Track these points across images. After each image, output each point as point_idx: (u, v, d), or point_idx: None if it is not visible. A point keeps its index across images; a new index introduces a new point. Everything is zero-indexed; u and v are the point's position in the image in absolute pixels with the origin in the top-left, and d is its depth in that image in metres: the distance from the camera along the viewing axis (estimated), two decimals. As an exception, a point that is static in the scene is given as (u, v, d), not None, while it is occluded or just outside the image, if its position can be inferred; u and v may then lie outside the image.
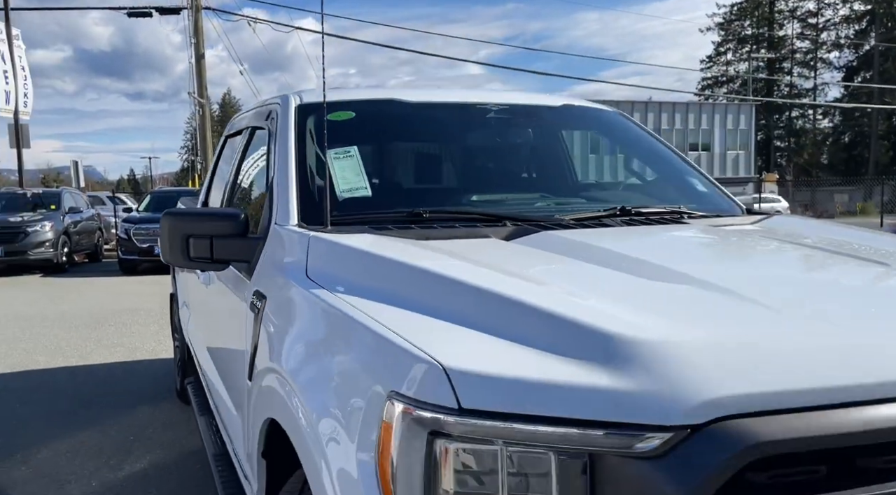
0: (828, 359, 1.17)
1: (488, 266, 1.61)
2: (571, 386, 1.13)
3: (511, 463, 1.12)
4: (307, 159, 2.36)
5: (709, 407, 1.08)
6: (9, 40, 15.96)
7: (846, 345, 1.21)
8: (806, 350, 1.19)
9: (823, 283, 1.66)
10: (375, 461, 1.23)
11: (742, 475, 1.07)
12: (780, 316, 1.29)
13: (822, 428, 1.08)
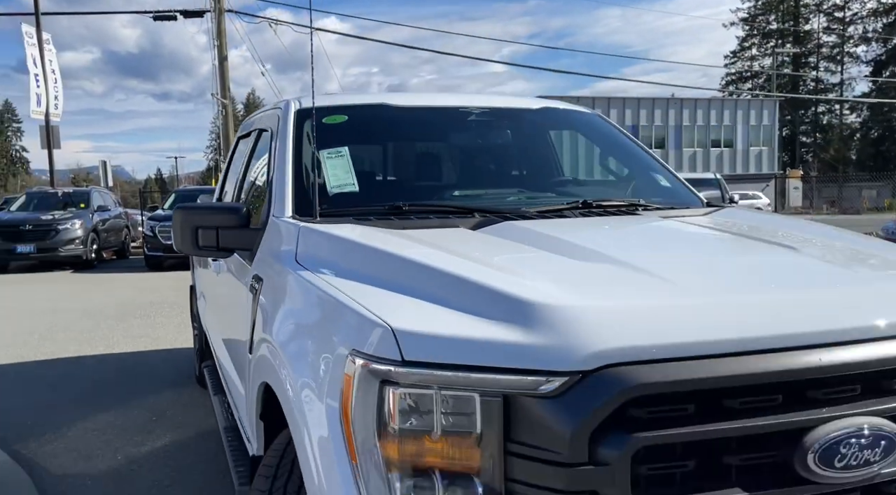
0: (697, 320, 1.43)
1: (447, 250, 1.88)
2: (491, 341, 1.40)
3: (444, 403, 1.39)
4: (303, 158, 2.65)
5: (596, 357, 1.34)
6: (39, 45, 16.52)
7: (713, 310, 1.47)
8: (679, 313, 1.45)
9: (722, 262, 1.91)
10: (340, 407, 1.50)
11: (625, 410, 1.33)
12: (672, 287, 1.55)
13: (686, 375, 1.34)
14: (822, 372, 1.42)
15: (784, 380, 1.40)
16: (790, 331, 1.44)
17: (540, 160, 3.20)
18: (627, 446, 1.31)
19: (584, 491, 1.32)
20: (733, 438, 1.39)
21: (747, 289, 1.61)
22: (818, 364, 1.41)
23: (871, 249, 2.05)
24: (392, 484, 1.40)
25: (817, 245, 2.08)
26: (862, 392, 1.46)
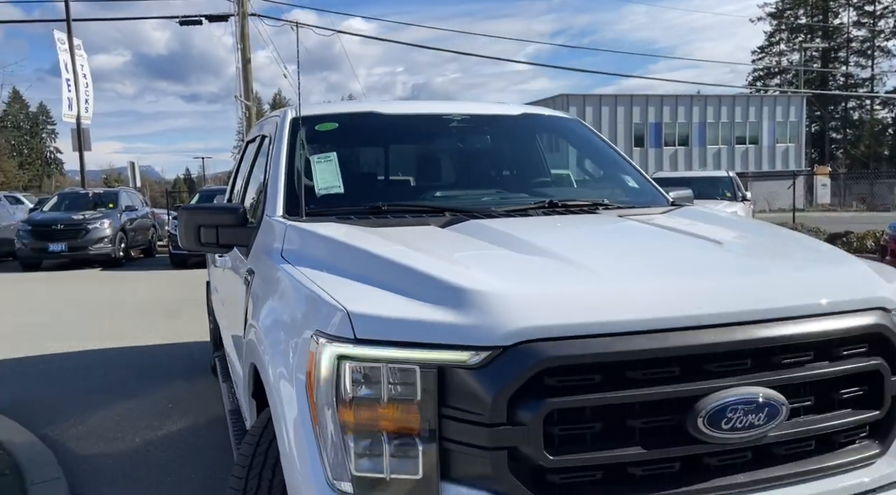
0: (604, 303, 1.66)
1: (409, 245, 2.12)
2: (428, 321, 1.64)
3: (390, 375, 1.63)
4: (295, 162, 2.91)
5: (514, 334, 1.58)
6: (70, 50, 17.08)
7: (620, 295, 1.70)
8: (589, 297, 1.68)
9: (646, 254, 2.13)
10: (306, 379, 1.75)
11: (539, 379, 1.56)
12: (590, 275, 1.79)
13: (591, 350, 1.57)
14: (714, 349, 1.64)
15: (680, 355, 1.63)
16: (687, 313, 1.67)
17: (520, 163, 3.43)
18: (540, 410, 1.54)
19: (504, 447, 1.56)
20: (636, 404, 1.62)
21: (657, 277, 1.84)
22: (710, 342, 1.64)
23: (789, 246, 2.26)
24: (347, 444, 1.65)
25: (741, 241, 2.29)
26: (752, 366, 1.68)
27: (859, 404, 1.82)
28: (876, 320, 1.81)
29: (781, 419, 1.67)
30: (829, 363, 1.76)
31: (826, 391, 1.78)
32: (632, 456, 1.61)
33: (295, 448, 1.77)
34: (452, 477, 1.61)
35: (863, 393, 1.81)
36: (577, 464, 1.60)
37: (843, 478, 1.77)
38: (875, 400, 1.82)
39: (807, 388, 1.76)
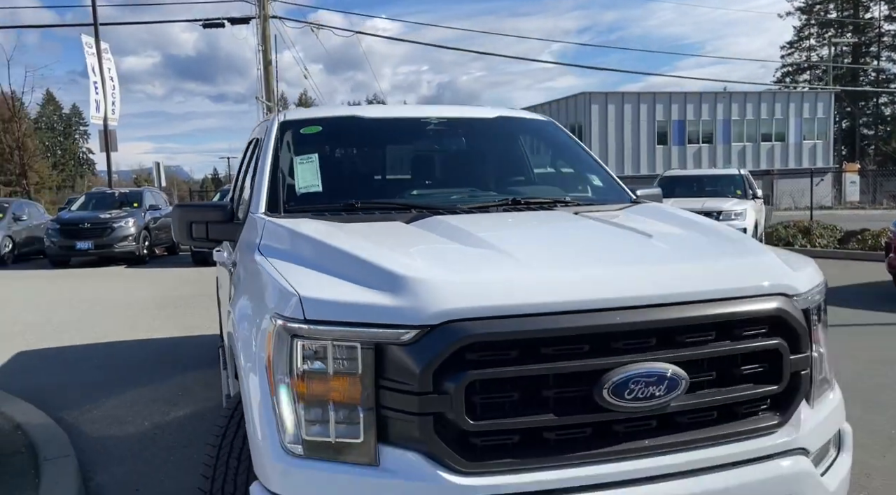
0: (522, 288, 1.86)
1: (368, 238, 2.34)
2: (368, 304, 1.86)
3: (335, 351, 1.86)
4: (280, 163, 3.15)
5: (439, 315, 1.79)
6: (98, 54, 17.61)
7: (537, 281, 1.90)
8: (509, 283, 1.88)
9: (576, 245, 2.33)
10: (265, 356, 1.98)
11: (462, 354, 1.77)
12: (515, 263, 1.99)
13: (507, 329, 1.77)
14: (619, 328, 1.84)
15: (588, 333, 1.83)
16: (595, 296, 1.87)
17: (494, 163, 3.64)
18: (462, 381, 1.76)
19: (431, 413, 1.77)
20: (549, 376, 1.82)
21: (576, 265, 2.04)
22: (615, 322, 1.84)
23: (713, 240, 2.44)
24: (299, 412, 1.88)
25: (671, 235, 2.48)
26: (656, 344, 1.87)
27: (760, 379, 2.00)
28: (776, 305, 1.99)
29: (681, 391, 1.86)
30: (730, 342, 1.95)
31: (729, 367, 1.97)
32: (545, 422, 1.82)
33: (256, 416, 2.00)
34: (389, 440, 1.83)
35: (763, 370, 2.00)
36: (495, 429, 1.81)
37: (743, 445, 1.96)
38: (775, 376, 2.00)
39: (709, 364, 1.95)
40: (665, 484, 1.88)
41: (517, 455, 1.83)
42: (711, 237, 2.47)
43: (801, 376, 2.07)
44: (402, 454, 1.82)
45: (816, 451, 2.14)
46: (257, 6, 20.12)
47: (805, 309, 2.13)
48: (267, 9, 20.24)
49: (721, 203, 11.49)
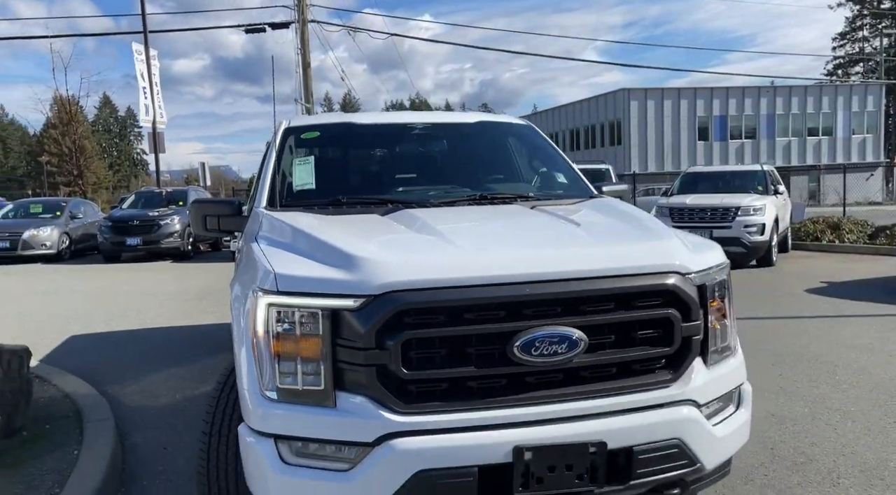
0: (450, 266, 2.30)
1: (341, 227, 2.81)
2: (327, 278, 2.33)
3: (301, 316, 2.32)
4: (282, 164, 3.65)
5: (381, 287, 2.24)
6: (147, 61, 18.54)
7: (464, 260, 2.33)
8: (441, 262, 2.32)
9: (514, 233, 2.75)
10: (250, 322, 2.46)
11: (400, 318, 2.22)
12: (450, 247, 2.43)
13: (435, 298, 2.21)
14: (529, 298, 2.27)
15: (503, 302, 2.25)
16: (509, 273, 2.29)
17: (473, 163, 4.07)
18: (398, 339, 2.20)
19: (374, 364, 2.22)
20: (471, 336, 2.26)
21: (502, 248, 2.49)
22: (526, 293, 2.26)
23: (631, 228, 2.83)
24: (274, 366, 2.35)
25: (598, 224, 2.89)
26: (561, 311, 2.29)
27: (655, 342, 2.41)
28: (669, 281, 2.39)
29: (581, 350, 2.28)
30: (626, 311, 2.36)
31: (627, 331, 2.38)
32: (467, 373, 2.26)
33: (243, 370, 2.48)
34: (344, 387, 2.29)
35: (658, 335, 2.40)
36: (426, 378, 2.25)
37: (639, 396, 2.37)
38: (668, 340, 2.40)
39: (610, 328, 2.36)
40: (569, 425, 2.30)
41: (445, 399, 2.27)
42: (631, 225, 2.87)
43: (693, 340, 2.46)
44: (353, 398, 2.27)
45: (709, 404, 2.53)
46: (297, 11, 20.84)
47: (700, 285, 2.51)
48: (306, 14, 20.94)
49: (740, 199, 11.65)
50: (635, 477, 2.36)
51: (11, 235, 15.94)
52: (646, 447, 2.35)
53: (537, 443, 2.25)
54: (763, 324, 7.15)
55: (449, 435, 2.25)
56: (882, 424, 4.18)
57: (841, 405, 4.54)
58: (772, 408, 4.51)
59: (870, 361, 5.60)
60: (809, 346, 6.13)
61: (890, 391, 4.81)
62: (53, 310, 9.25)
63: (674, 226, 11.36)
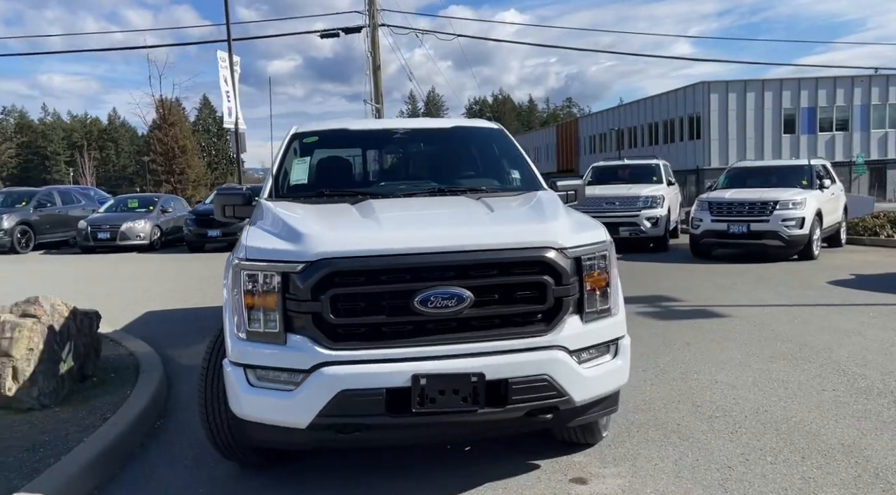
0: (370, 240, 3.08)
1: (310, 212, 3.63)
2: (281, 249, 3.16)
3: (263, 277, 3.17)
4: (285, 163, 4.52)
5: (316, 255, 3.05)
6: (230, 67, 20.08)
7: (383, 236, 3.12)
8: (364, 237, 3.11)
9: (438, 217, 3.52)
10: (230, 284, 3.32)
11: (330, 278, 3.02)
12: (377, 226, 3.22)
13: (356, 265, 3.01)
14: (428, 265, 3.02)
15: (408, 268, 3.01)
16: (413, 246, 3.05)
17: (447, 162, 4.82)
18: (328, 293, 3.01)
19: (311, 312, 3.03)
20: (384, 292, 3.03)
21: (415, 227, 3.28)
22: (425, 261, 3.01)
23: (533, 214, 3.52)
24: (243, 316, 3.20)
25: (510, 209, 3.61)
26: (454, 275, 3.03)
27: (533, 301, 3.10)
28: (544, 254, 3.09)
29: (467, 305, 3.01)
30: (506, 277, 3.07)
31: (510, 291, 3.09)
32: (379, 320, 3.04)
33: (226, 319, 3.35)
34: (291, 330, 3.11)
35: (535, 295, 3.10)
36: (349, 323, 3.04)
37: (518, 341, 3.08)
38: (542, 300, 3.10)
39: (495, 289, 3.07)
40: (456, 360, 3.04)
41: (362, 339, 3.06)
42: (535, 212, 3.57)
43: (564, 301, 3.15)
44: (297, 337, 3.09)
45: (582, 351, 3.20)
46: (368, 16, 21.96)
47: (576, 258, 3.19)
48: (376, 18, 22.04)
49: (779, 193, 11.80)
50: (510, 403, 3.07)
51: (111, 227, 17.75)
52: (519, 379, 3.06)
53: (430, 373, 3.00)
54: (764, 310, 7.54)
55: (365, 365, 3.03)
56: (811, 392, 4.67)
57: (787, 376, 5.03)
58: (721, 377, 5.06)
59: (837, 342, 5.99)
60: (791, 329, 6.53)
61: (840, 367, 5.24)
62: (139, 291, 10.58)
63: (712, 220, 11.67)
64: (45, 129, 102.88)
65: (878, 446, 3.74)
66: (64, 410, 4.40)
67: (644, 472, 3.51)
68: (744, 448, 3.77)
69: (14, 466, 3.50)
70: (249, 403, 3.19)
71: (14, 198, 19.69)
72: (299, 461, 3.78)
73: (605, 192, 14.35)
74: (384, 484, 3.49)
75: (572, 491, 3.34)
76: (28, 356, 4.40)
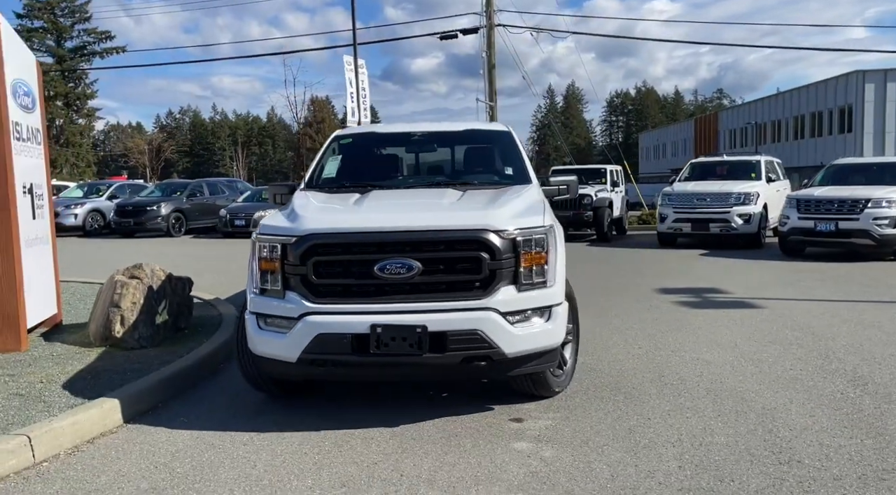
0: (348, 222, 4.07)
1: (322, 200, 4.65)
2: (282, 226, 4.21)
3: (270, 248, 4.21)
4: (323, 159, 5.58)
5: (305, 231, 4.06)
6: (355, 70, 21.80)
7: (360, 218, 4.11)
8: (344, 219, 4.11)
9: (414, 204, 4.43)
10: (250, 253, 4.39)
11: (315, 248, 4.02)
12: (357, 211, 4.20)
13: (333, 239, 4.00)
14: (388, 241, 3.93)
15: (372, 242, 3.95)
16: (378, 226, 3.99)
17: (453, 161, 5.67)
18: (311, 260, 4.01)
19: (300, 275, 4.05)
20: (353, 260, 3.98)
21: (386, 212, 4.21)
22: (386, 239, 3.93)
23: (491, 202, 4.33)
24: (257, 276, 4.27)
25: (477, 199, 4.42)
26: (407, 249, 3.92)
27: (471, 272, 3.93)
28: (481, 235, 3.91)
29: (417, 272, 3.89)
30: (449, 252, 3.93)
31: (453, 263, 3.93)
32: (348, 282, 4.00)
33: (249, 281, 4.42)
34: (288, 288, 4.13)
35: (473, 267, 3.92)
36: (327, 283, 4.02)
37: (458, 302, 3.93)
38: (478, 271, 3.93)
39: (441, 261, 3.93)
40: (406, 315, 3.93)
41: (337, 296, 4.03)
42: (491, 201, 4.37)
43: (498, 272, 3.94)
44: (291, 293, 4.10)
45: (515, 313, 3.97)
46: (484, 17, 22.90)
47: (512, 239, 3.97)
48: (493, 19, 22.92)
49: (872, 191, 11.50)
50: (449, 350, 3.92)
51: (246, 215, 19.93)
52: (455, 332, 3.90)
53: (385, 323, 3.91)
54: (801, 304, 7.72)
55: (337, 316, 4.00)
56: (777, 370, 5.10)
57: (767, 358, 5.46)
58: (705, 356, 5.56)
59: (848, 333, 6.23)
60: (811, 321, 6.79)
61: (828, 353, 5.55)
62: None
63: (799, 217, 11.66)
64: (213, 127, 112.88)
65: (793, 409, 4.20)
66: (155, 350, 5.70)
67: (574, 417, 4.22)
68: (672, 406, 4.37)
69: (106, 383, 4.77)
70: (259, 342, 4.24)
71: (171, 189, 22.56)
72: (306, 397, 4.79)
73: (696, 189, 14.47)
74: (371, 412, 4.42)
75: (505, 426, 4.12)
76: (132, 308, 5.76)
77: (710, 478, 3.35)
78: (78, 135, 55.47)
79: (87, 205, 22.12)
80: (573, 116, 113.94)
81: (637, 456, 3.64)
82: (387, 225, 4.01)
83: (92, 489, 3.39)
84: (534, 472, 3.47)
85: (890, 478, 3.30)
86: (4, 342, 5.54)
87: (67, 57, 54.72)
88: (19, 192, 5.72)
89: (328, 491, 3.33)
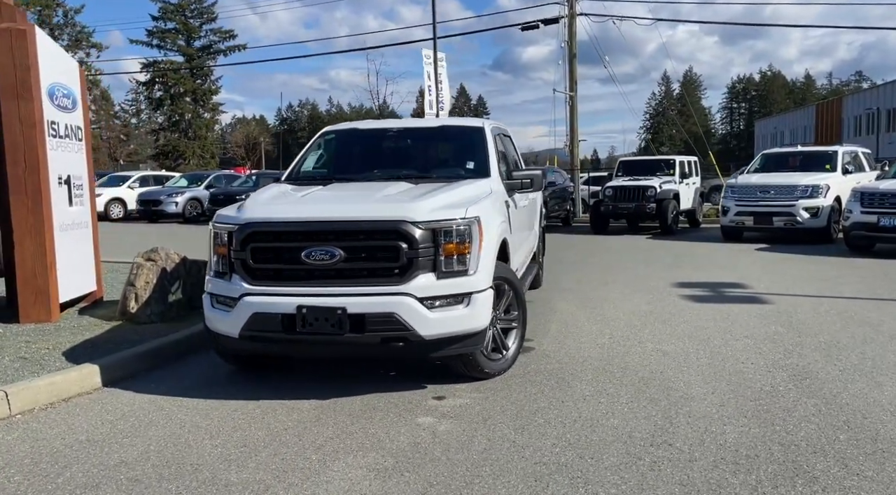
0: (286, 212, 4.52)
1: (283, 190, 5.10)
2: (230, 216, 4.70)
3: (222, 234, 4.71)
4: (307, 155, 6.02)
5: (245, 219, 4.53)
6: (434, 64, 22.27)
7: (297, 209, 4.56)
8: (284, 209, 4.57)
9: (356, 195, 4.81)
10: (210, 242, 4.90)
11: (253, 235, 4.48)
12: (304, 200, 4.66)
13: (270, 227, 4.45)
14: (315, 230, 4.34)
15: (301, 231, 4.37)
16: (309, 216, 4.43)
17: (422, 155, 5.97)
18: (249, 246, 4.47)
19: (240, 259, 4.52)
20: (283, 247, 4.41)
21: (323, 203, 4.66)
22: (314, 228, 4.34)
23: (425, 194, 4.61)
24: (212, 260, 4.80)
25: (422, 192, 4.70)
26: (332, 238, 4.31)
27: (389, 259, 4.25)
28: (399, 226, 4.24)
29: (339, 259, 4.27)
30: (369, 240, 4.29)
31: (373, 251, 4.28)
32: (280, 266, 4.43)
33: (207, 264, 4.94)
34: (234, 271, 4.60)
35: (391, 255, 4.25)
36: (262, 267, 4.48)
37: (378, 287, 4.28)
38: (396, 259, 4.26)
39: (361, 249, 4.29)
40: (329, 298, 4.32)
41: (270, 279, 4.48)
42: (424, 193, 4.67)
43: (416, 261, 4.26)
44: (235, 276, 4.59)
45: (432, 299, 4.27)
46: (566, 6, 22.73)
47: (432, 229, 4.27)
48: (574, 8, 22.71)
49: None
50: (367, 331, 4.27)
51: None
52: (373, 314, 4.26)
53: (309, 305, 4.32)
54: (811, 300, 7.46)
55: (270, 297, 4.44)
56: (725, 362, 5.09)
57: (725, 350, 5.44)
58: (667, 348, 5.61)
59: (829, 328, 6.01)
60: (804, 317, 6.60)
61: (790, 347, 5.45)
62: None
63: (862, 211, 11.15)
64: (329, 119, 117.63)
65: (708, 399, 4.24)
66: (164, 326, 6.36)
67: (493, 398, 4.45)
68: (593, 391, 4.51)
69: (105, 350, 5.44)
70: (212, 319, 4.74)
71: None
72: (263, 371, 5.25)
73: (761, 181, 13.91)
74: (315, 386, 4.82)
75: (424, 403, 4.42)
76: (146, 287, 6.46)
77: (572, 455, 3.53)
78: (204, 129, 59.61)
79: (186, 194, 23.90)
80: (691, 103, 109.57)
81: (522, 433, 3.85)
82: (314, 215, 4.40)
83: (41, 437, 4.00)
84: (417, 443, 3.76)
85: (747, 463, 3.35)
86: (38, 313, 6.37)
87: (196, 55, 58.62)
88: (53, 183, 6.53)
89: (231, 451, 3.76)
